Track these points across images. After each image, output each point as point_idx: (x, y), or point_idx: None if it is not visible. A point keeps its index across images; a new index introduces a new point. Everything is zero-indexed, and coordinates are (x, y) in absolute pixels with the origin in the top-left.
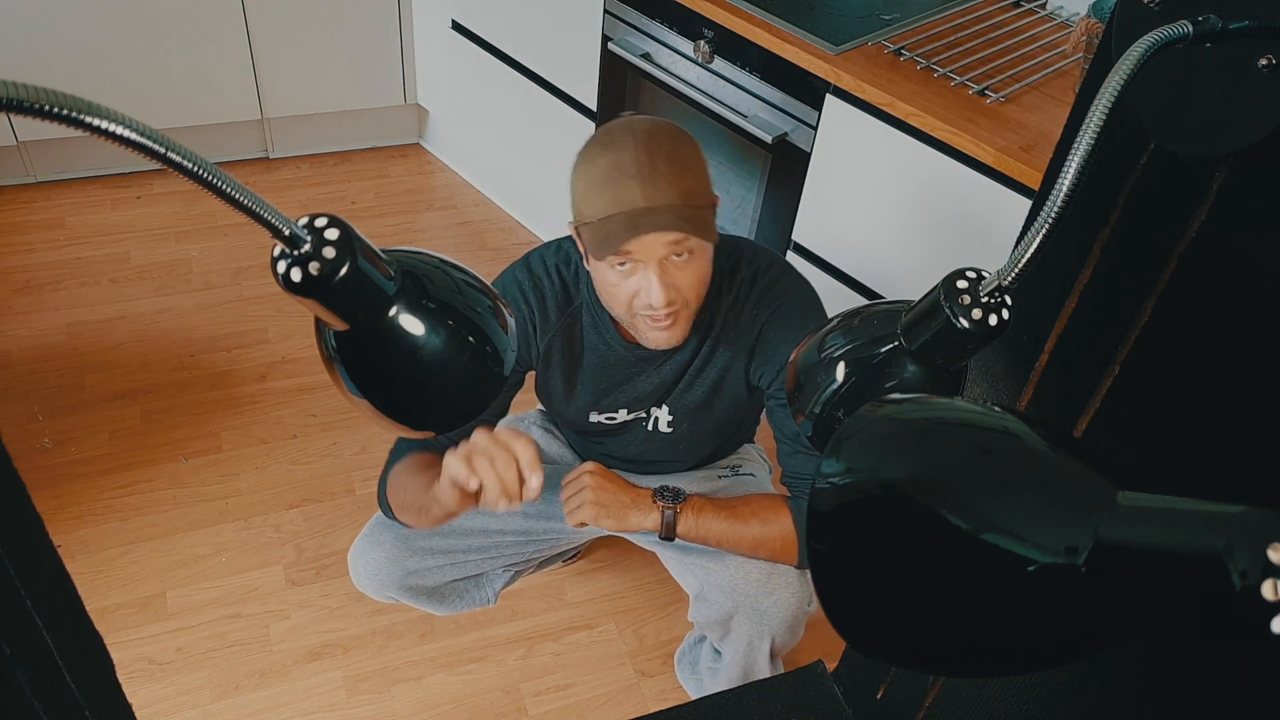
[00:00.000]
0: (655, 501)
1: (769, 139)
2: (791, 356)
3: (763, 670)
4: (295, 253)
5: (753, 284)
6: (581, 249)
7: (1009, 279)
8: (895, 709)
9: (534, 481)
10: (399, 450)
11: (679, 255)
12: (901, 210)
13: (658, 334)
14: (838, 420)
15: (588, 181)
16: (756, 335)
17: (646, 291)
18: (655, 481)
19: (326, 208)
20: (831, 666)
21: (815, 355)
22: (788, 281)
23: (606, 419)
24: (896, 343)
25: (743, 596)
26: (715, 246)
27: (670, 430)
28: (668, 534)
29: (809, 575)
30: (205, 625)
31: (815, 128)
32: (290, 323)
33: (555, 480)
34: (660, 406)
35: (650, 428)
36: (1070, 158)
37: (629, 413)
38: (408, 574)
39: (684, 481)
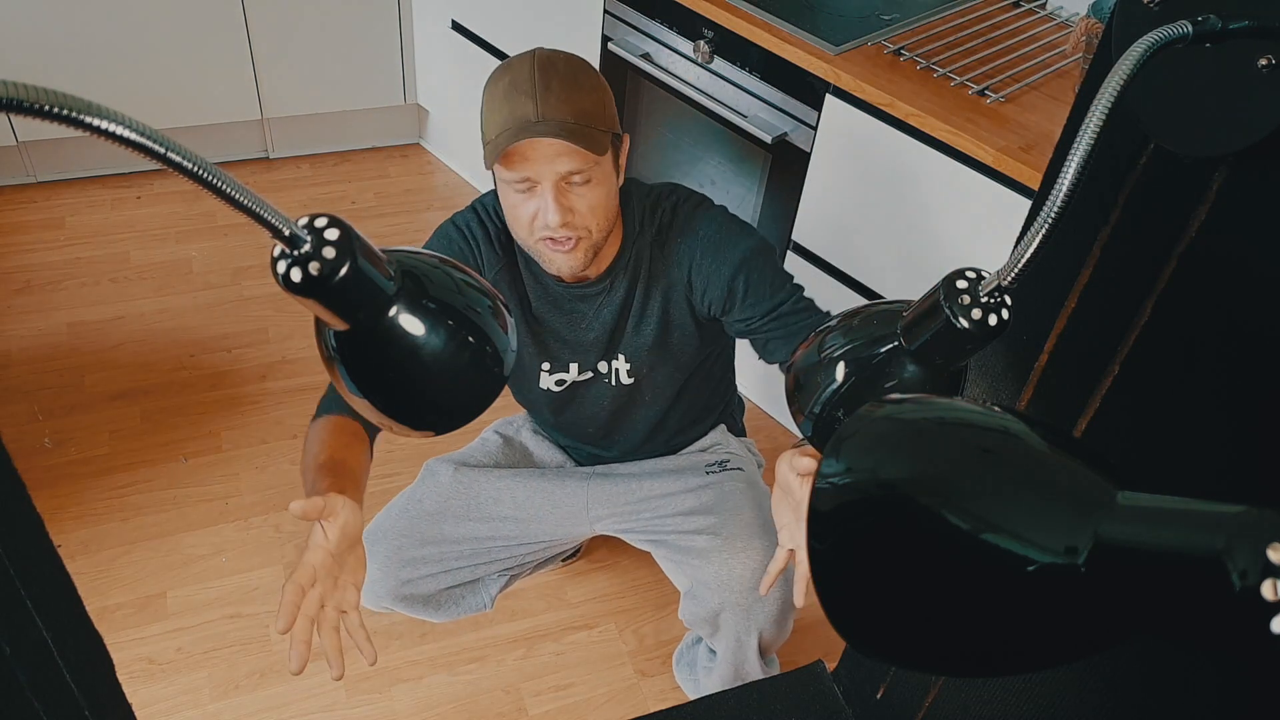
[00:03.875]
0: None
1: (769, 139)
2: (792, 357)
3: (753, 666)
4: (295, 253)
5: (673, 216)
6: (493, 179)
7: (1009, 279)
8: (895, 709)
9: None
10: (330, 402)
11: (577, 179)
12: (901, 210)
13: (559, 258)
14: (838, 420)
15: (489, 105)
16: (689, 267)
17: (543, 212)
18: (638, 473)
19: (326, 208)
20: (831, 666)
21: (815, 355)
22: (706, 210)
23: (557, 383)
24: (896, 343)
25: (729, 593)
26: (633, 190)
27: (632, 380)
28: None
29: (793, 569)
30: (205, 625)
31: (815, 128)
32: (290, 323)
33: (547, 482)
34: (616, 357)
35: (613, 383)
36: (1070, 158)
37: (580, 369)
38: (402, 584)
39: (670, 478)
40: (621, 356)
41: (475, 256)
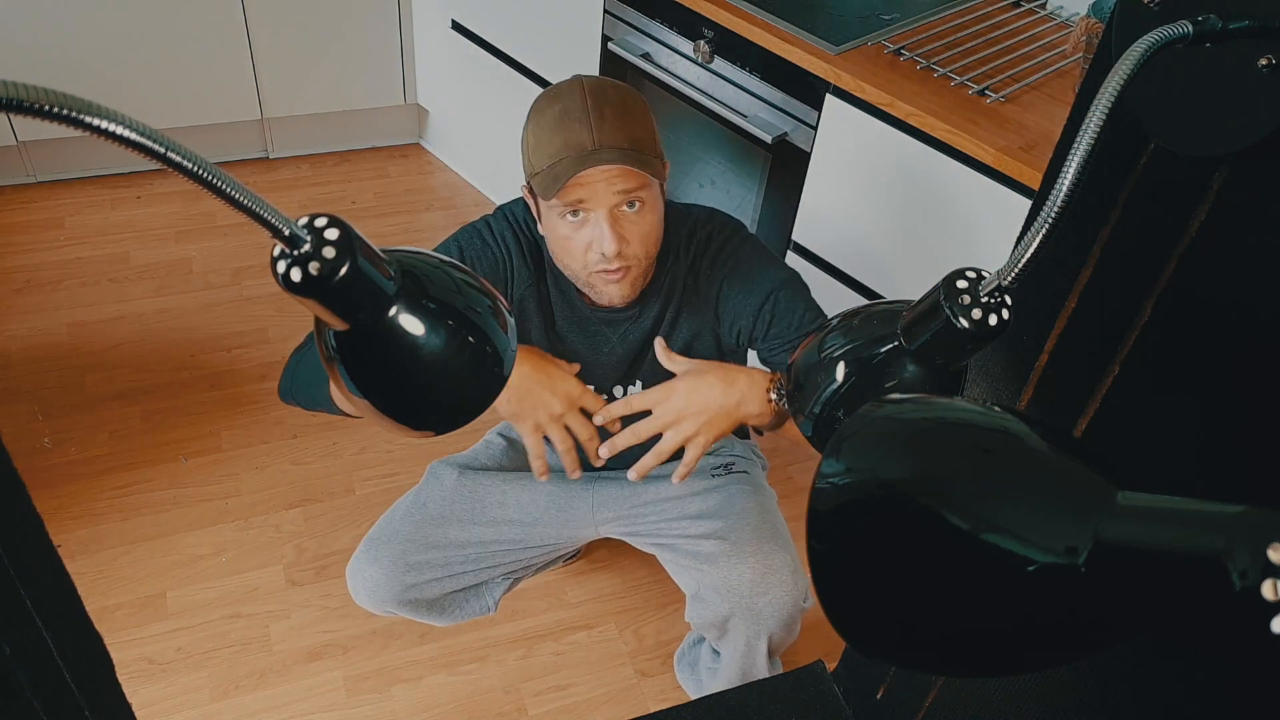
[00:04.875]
0: (771, 400)
1: (769, 139)
2: (791, 357)
3: (761, 669)
4: (295, 253)
5: (707, 246)
6: (534, 209)
7: (1009, 279)
8: (895, 709)
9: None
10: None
11: (630, 205)
12: (901, 210)
13: (611, 289)
14: (838, 420)
15: (537, 133)
16: (717, 298)
17: (599, 241)
18: (642, 478)
19: (326, 208)
20: (831, 666)
21: (815, 355)
22: (740, 241)
23: None
24: (896, 343)
25: (738, 598)
26: (671, 215)
27: None
28: (777, 424)
29: (802, 572)
30: (205, 625)
31: (815, 128)
32: (290, 323)
33: (552, 486)
34: (634, 383)
35: None
36: (1070, 158)
37: (597, 392)
38: (406, 589)
39: (672, 484)
40: (639, 384)
41: (505, 266)
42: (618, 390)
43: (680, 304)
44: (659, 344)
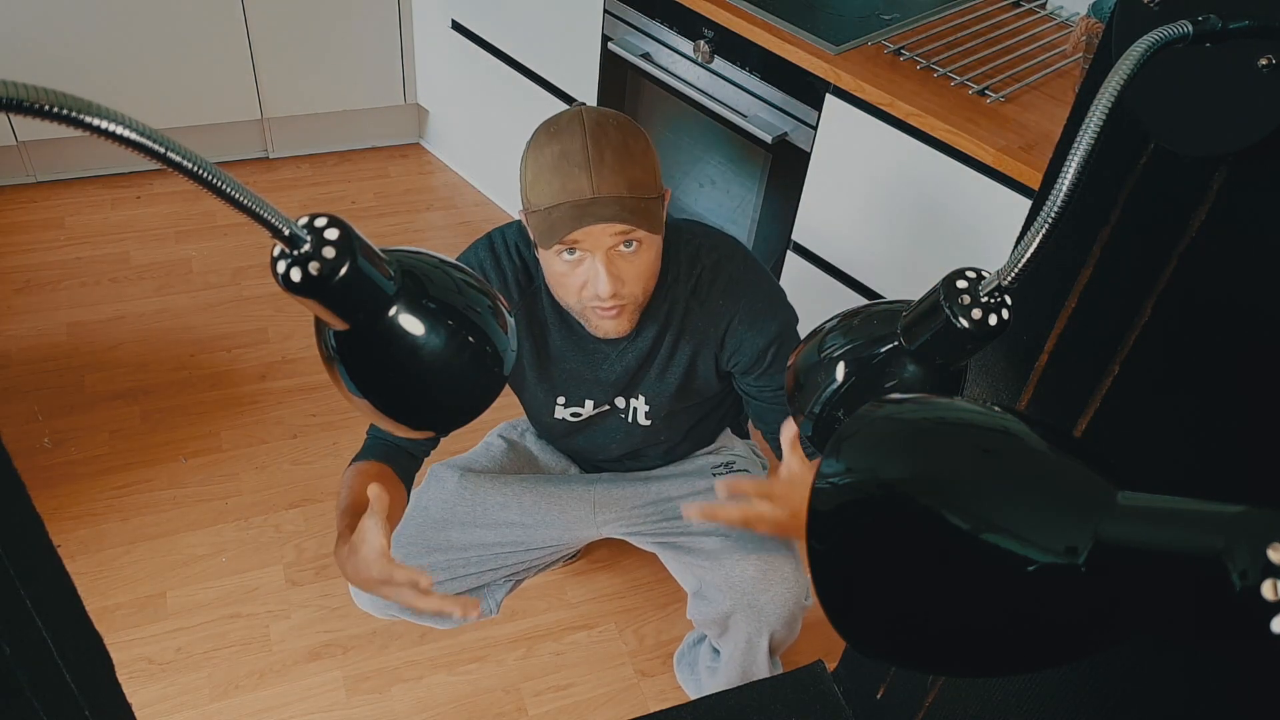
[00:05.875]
0: None
1: (769, 139)
2: (791, 358)
3: (761, 667)
4: (295, 253)
5: (715, 274)
6: (531, 237)
7: (1009, 279)
8: (895, 709)
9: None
10: (365, 450)
11: (626, 246)
12: (901, 210)
13: (606, 323)
14: (838, 420)
15: (536, 170)
16: (725, 328)
17: (594, 282)
18: (644, 477)
19: (326, 208)
20: (831, 666)
21: (815, 355)
22: (749, 271)
23: (572, 415)
24: (896, 343)
25: (740, 594)
26: (670, 235)
27: (650, 422)
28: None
29: (804, 570)
30: (205, 625)
31: (815, 128)
32: (290, 323)
33: (553, 487)
34: (636, 397)
35: (630, 420)
36: (1070, 158)
37: (595, 405)
38: None
39: (677, 481)
40: (641, 398)
41: None
42: (620, 401)
43: (682, 326)
44: (792, 429)
